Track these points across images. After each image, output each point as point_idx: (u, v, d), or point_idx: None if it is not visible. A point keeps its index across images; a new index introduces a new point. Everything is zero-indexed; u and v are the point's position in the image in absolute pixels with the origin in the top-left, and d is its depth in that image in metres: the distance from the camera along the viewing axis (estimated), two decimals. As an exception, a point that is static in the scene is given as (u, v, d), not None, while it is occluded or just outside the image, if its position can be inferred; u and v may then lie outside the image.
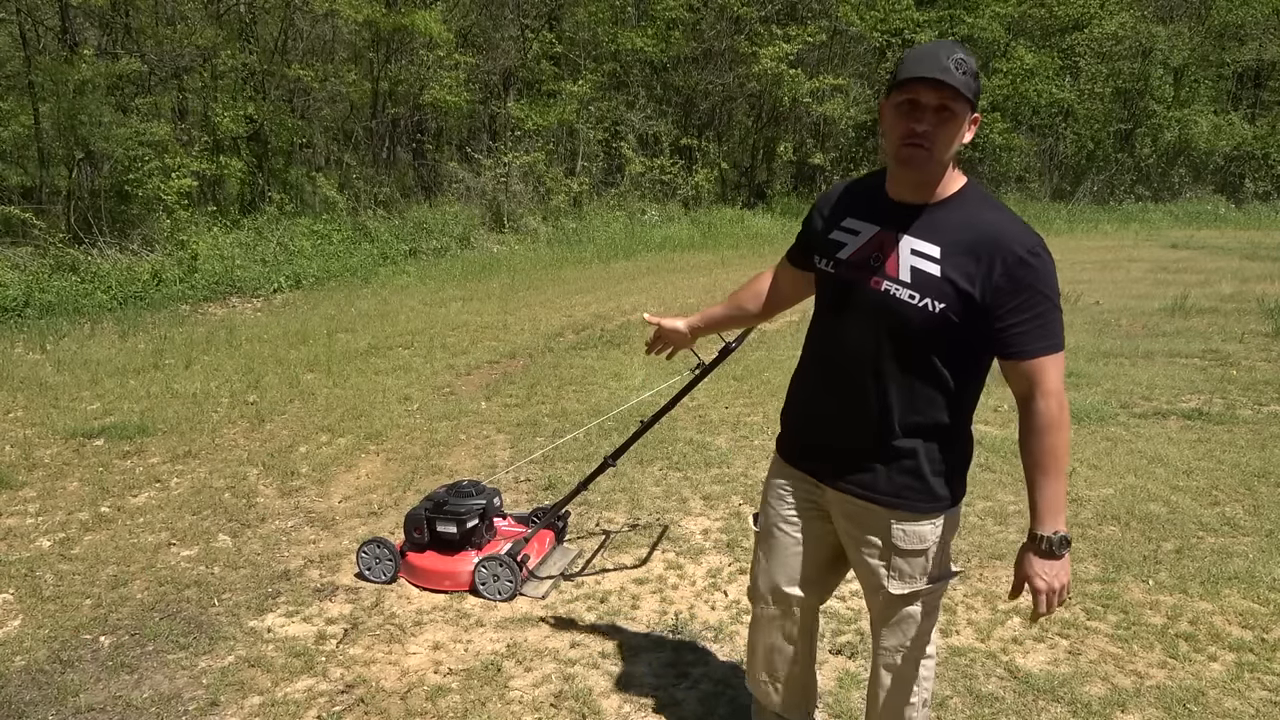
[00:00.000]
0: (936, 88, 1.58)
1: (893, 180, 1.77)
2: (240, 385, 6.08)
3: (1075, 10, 21.30)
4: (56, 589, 3.31)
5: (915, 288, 1.66)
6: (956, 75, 1.57)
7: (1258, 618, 3.05)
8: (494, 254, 13.51)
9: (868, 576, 1.91)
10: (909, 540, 1.82)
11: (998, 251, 1.62)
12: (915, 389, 1.73)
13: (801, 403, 1.97)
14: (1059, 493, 1.73)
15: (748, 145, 21.30)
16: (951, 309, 1.64)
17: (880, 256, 1.72)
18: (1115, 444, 4.87)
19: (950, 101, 1.59)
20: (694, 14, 18.40)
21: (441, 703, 2.59)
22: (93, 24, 14.17)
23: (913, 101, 1.61)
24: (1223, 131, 22.88)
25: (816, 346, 1.91)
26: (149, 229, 11.69)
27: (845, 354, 1.80)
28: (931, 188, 1.71)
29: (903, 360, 1.72)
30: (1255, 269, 11.94)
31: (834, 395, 1.84)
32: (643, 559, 3.52)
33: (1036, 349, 1.67)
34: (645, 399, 5.36)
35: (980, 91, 1.68)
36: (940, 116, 1.60)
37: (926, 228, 1.69)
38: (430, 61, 15.71)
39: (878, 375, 1.74)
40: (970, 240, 1.64)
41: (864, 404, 1.77)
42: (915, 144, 1.62)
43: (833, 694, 2.58)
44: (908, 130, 1.62)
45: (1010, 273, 1.61)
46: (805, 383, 1.96)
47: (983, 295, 1.63)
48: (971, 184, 1.74)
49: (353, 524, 3.88)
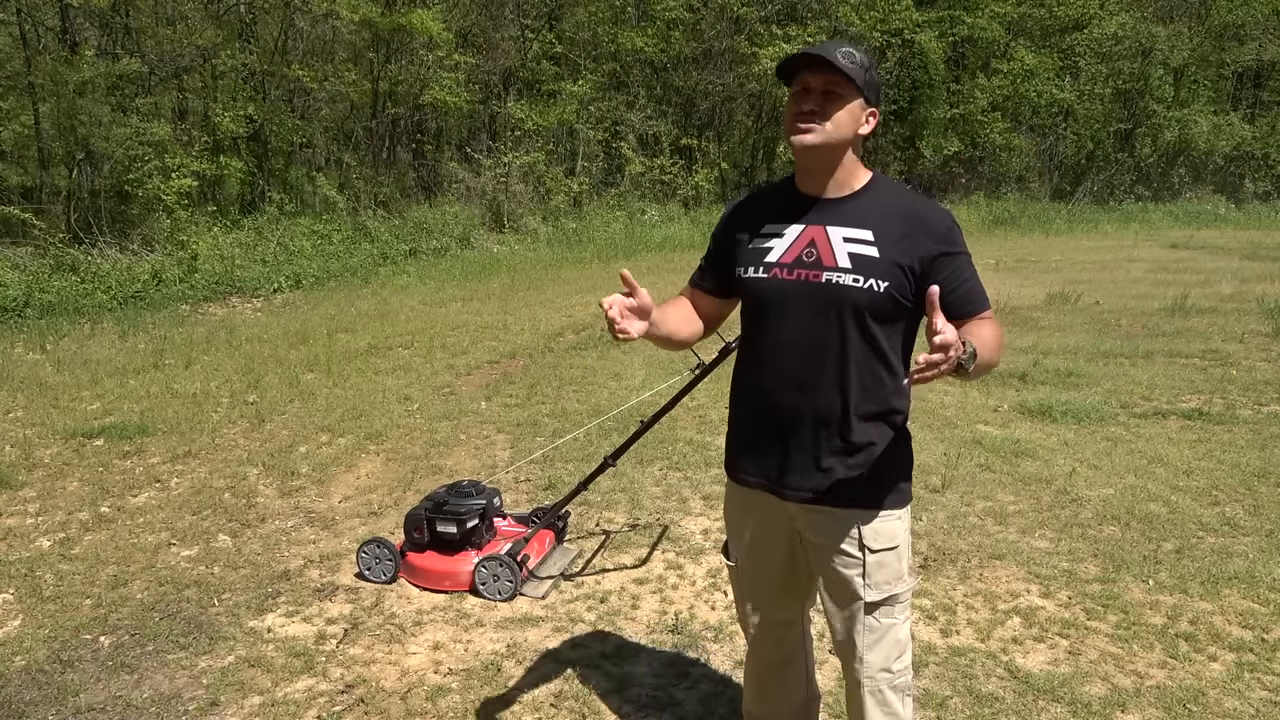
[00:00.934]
0: (820, 70, 1.68)
1: (801, 174, 1.82)
2: (240, 385, 6.08)
3: (1075, 10, 21.32)
4: (56, 589, 3.31)
5: (858, 271, 1.71)
6: (840, 61, 1.65)
7: (1258, 618, 3.05)
8: (494, 254, 13.52)
9: (841, 589, 1.86)
10: (879, 539, 1.81)
11: (924, 228, 1.72)
12: (867, 375, 1.76)
13: (751, 416, 1.91)
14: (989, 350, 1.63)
15: (748, 145, 21.31)
16: (895, 287, 1.70)
17: (814, 251, 1.75)
18: (1115, 444, 4.87)
19: (834, 85, 1.68)
20: (694, 14, 18.41)
21: (441, 703, 2.59)
22: (93, 24, 14.17)
23: (804, 89, 1.71)
24: (1222, 131, 22.88)
25: (756, 357, 1.87)
26: (149, 229, 11.70)
27: (792, 355, 1.78)
28: (838, 174, 1.76)
29: (854, 348, 1.74)
30: (1255, 269, 11.93)
31: (786, 399, 1.81)
32: (643, 559, 3.52)
33: (975, 308, 1.73)
34: (645, 399, 5.36)
35: (877, 86, 1.75)
36: (827, 97, 1.69)
37: (852, 215, 1.75)
38: (430, 61, 15.72)
39: (830, 368, 1.76)
40: (897, 221, 1.73)
41: (819, 400, 1.77)
42: (805, 120, 1.69)
43: (833, 694, 2.58)
44: (797, 111, 1.71)
45: (939, 245, 1.71)
46: (751, 395, 1.90)
47: (920, 269, 1.71)
48: (880, 174, 1.83)
49: (353, 524, 3.88)
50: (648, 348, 7.26)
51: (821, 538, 1.85)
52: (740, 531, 2.01)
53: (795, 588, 2.02)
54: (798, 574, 1.99)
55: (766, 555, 1.98)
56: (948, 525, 3.77)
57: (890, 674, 1.88)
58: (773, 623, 2.06)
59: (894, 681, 1.88)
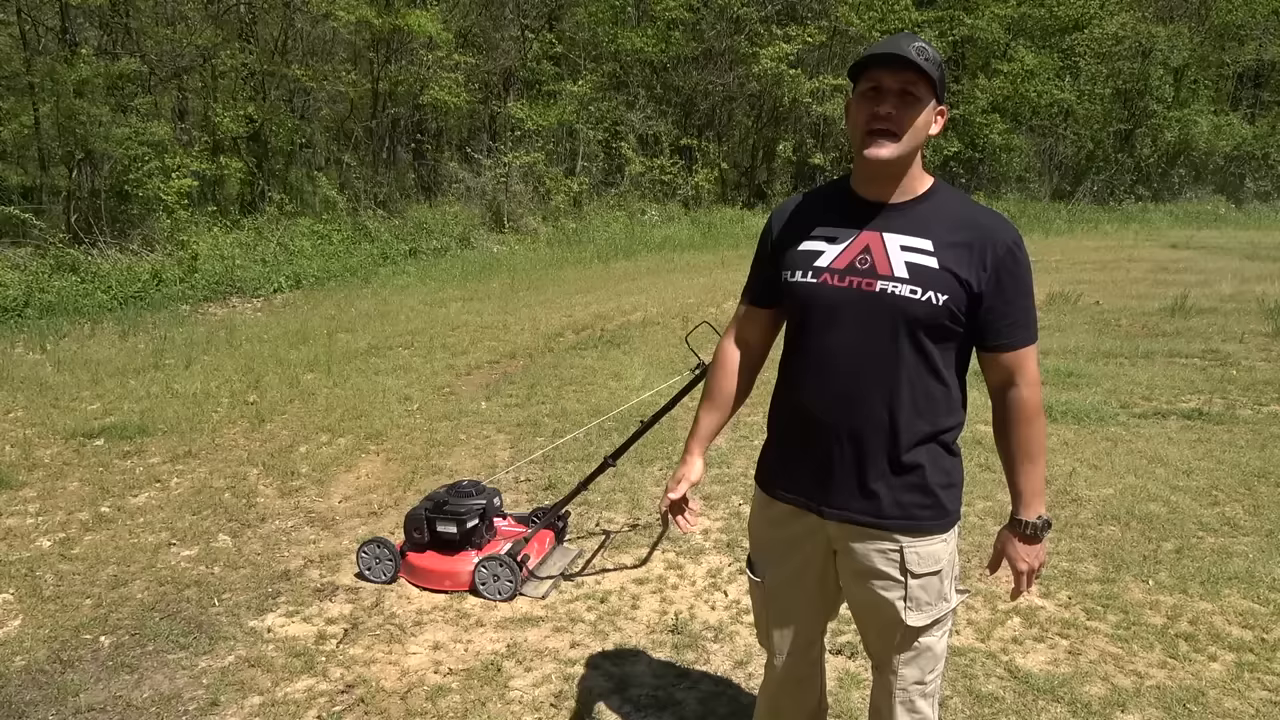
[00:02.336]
0: (897, 69, 1.56)
1: (862, 179, 1.71)
2: (240, 385, 6.08)
3: (1075, 10, 21.31)
4: (56, 589, 3.31)
5: (915, 283, 1.61)
6: (917, 58, 1.55)
7: (1258, 618, 3.05)
8: (494, 254, 13.51)
9: (879, 611, 1.76)
10: (924, 564, 1.72)
11: (988, 242, 1.62)
12: (919, 392, 1.66)
13: (793, 431, 1.80)
14: (1040, 478, 1.71)
15: (748, 145, 21.32)
16: (954, 300, 1.61)
17: (868, 258, 1.65)
18: (1115, 444, 4.87)
19: (912, 85, 1.57)
20: (694, 14, 18.41)
21: (441, 703, 2.60)
22: (93, 24, 14.18)
23: (876, 88, 1.59)
24: (1223, 131, 22.89)
25: (802, 365, 1.77)
26: (149, 229, 11.70)
27: (839, 368, 1.68)
28: (902, 182, 1.66)
29: (906, 362, 1.64)
30: (1255, 269, 11.94)
31: (831, 415, 1.71)
32: (643, 559, 3.52)
33: (1021, 339, 1.66)
34: (645, 399, 5.36)
35: (945, 82, 1.65)
36: (904, 100, 1.58)
37: (912, 223, 1.65)
38: (430, 62, 15.72)
39: (880, 381, 1.66)
40: (959, 232, 1.63)
41: (867, 415, 1.67)
42: (881, 128, 1.59)
43: (833, 694, 2.58)
44: (872, 114, 1.59)
45: (1000, 263, 1.61)
46: (793, 409, 1.80)
47: (978, 285, 1.62)
48: (941, 182, 1.72)
49: (353, 524, 3.88)
50: (647, 347, 7.26)
51: (862, 560, 1.75)
52: (771, 549, 1.90)
53: (826, 606, 1.94)
54: (829, 592, 1.89)
55: (801, 575, 1.86)
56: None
57: (923, 685, 1.82)
58: (802, 642, 1.95)
59: (925, 690, 1.83)
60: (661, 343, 7.44)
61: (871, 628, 1.83)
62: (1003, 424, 1.71)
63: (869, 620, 1.83)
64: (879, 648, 1.84)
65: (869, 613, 1.81)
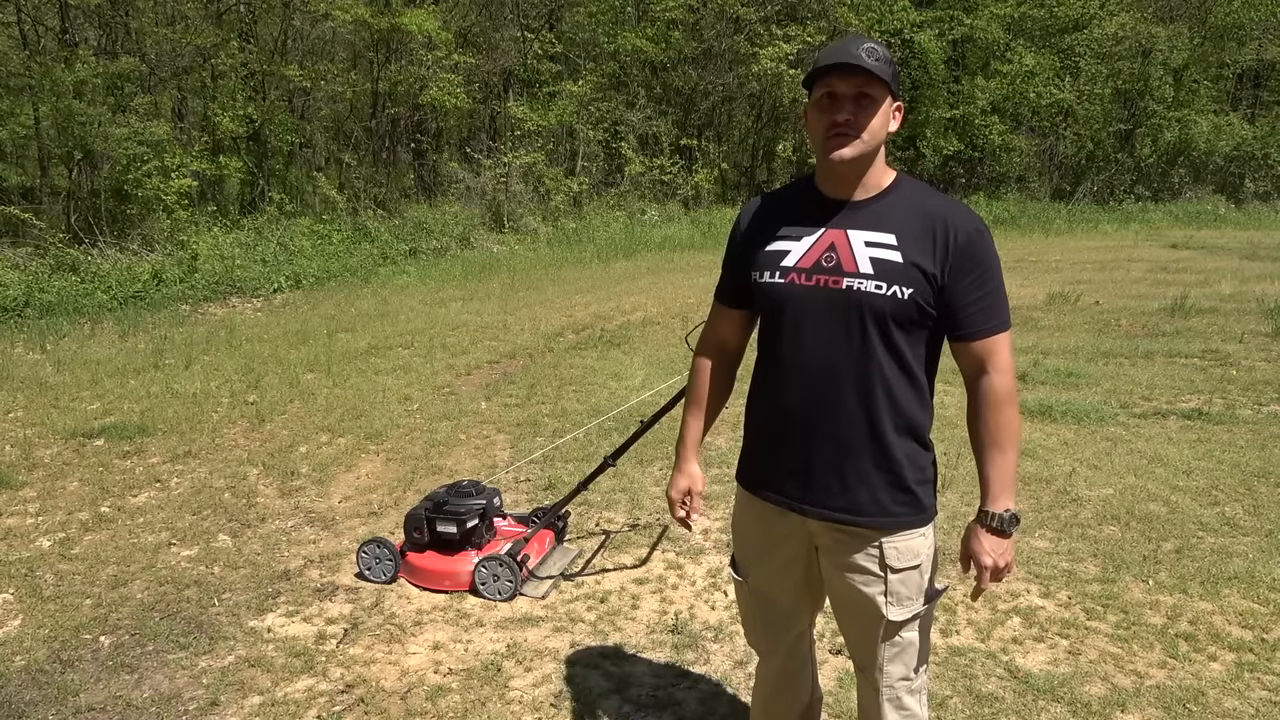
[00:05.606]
0: (849, 75, 1.59)
1: (826, 178, 1.73)
2: (240, 385, 6.08)
3: (1075, 10, 21.31)
4: (56, 589, 3.31)
5: (880, 278, 1.63)
6: (868, 60, 1.57)
7: (1258, 618, 3.05)
8: (494, 254, 13.51)
9: (861, 606, 1.78)
10: (903, 558, 1.74)
11: (949, 231, 1.63)
12: (893, 387, 1.68)
13: (769, 431, 1.82)
14: (1010, 469, 1.71)
15: (748, 145, 21.33)
16: (919, 294, 1.63)
17: (834, 255, 1.67)
18: (1115, 444, 4.87)
19: (866, 87, 1.60)
20: (694, 14, 18.41)
21: (441, 703, 2.59)
22: (92, 24, 14.18)
23: (830, 95, 1.62)
24: (1222, 132, 22.88)
25: (774, 368, 1.78)
26: (149, 229, 11.70)
27: (813, 363, 1.70)
28: (865, 179, 1.69)
29: (877, 359, 1.66)
30: (1255, 269, 11.93)
31: (806, 413, 1.72)
32: (643, 559, 3.52)
33: (991, 326, 1.66)
34: (645, 399, 5.36)
35: (899, 77, 1.67)
36: (860, 104, 1.61)
37: (874, 219, 1.67)
38: (429, 62, 15.72)
39: (853, 378, 1.68)
40: (921, 224, 1.65)
41: (841, 414, 1.69)
42: (841, 133, 1.61)
43: (833, 694, 2.58)
44: (830, 123, 1.62)
45: (963, 251, 1.63)
46: (768, 409, 1.81)
47: (942, 275, 1.63)
48: (903, 175, 1.74)
49: (353, 524, 3.88)
50: (648, 347, 7.26)
51: (842, 556, 1.77)
52: (754, 548, 1.92)
53: (810, 602, 1.96)
54: (812, 588, 1.91)
55: (784, 573, 1.89)
56: (947, 525, 3.76)
57: (909, 680, 1.83)
58: (787, 639, 1.99)
59: (912, 686, 1.84)
60: (661, 343, 7.44)
61: (853, 624, 1.85)
62: (975, 412, 1.71)
63: (851, 616, 1.85)
64: (862, 646, 1.85)
65: (850, 608, 1.83)
